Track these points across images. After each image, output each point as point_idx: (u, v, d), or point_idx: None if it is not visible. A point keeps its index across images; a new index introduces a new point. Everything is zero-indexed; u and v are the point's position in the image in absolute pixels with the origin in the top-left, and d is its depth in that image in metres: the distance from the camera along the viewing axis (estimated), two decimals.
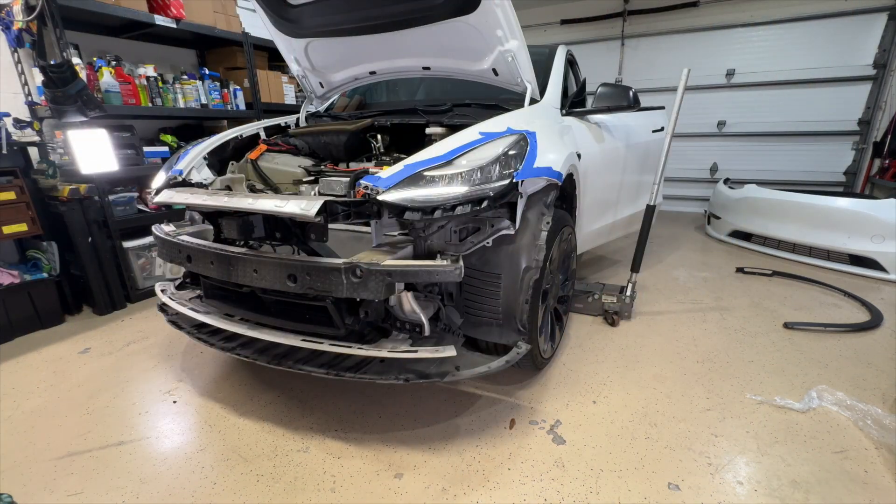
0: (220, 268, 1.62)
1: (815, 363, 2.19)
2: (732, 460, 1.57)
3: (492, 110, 2.13)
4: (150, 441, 1.70)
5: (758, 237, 4.20)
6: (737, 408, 1.85)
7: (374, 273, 1.38)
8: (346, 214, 1.45)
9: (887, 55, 4.77)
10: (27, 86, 2.84)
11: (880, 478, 1.48)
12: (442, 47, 2.09)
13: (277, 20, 2.16)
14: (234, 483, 1.48)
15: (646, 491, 1.44)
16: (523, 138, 1.63)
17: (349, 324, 1.59)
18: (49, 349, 2.44)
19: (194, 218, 2.25)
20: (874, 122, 4.94)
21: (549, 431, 1.72)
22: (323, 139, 2.16)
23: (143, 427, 1.78)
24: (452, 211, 1.43)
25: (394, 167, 1.54)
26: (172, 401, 1.94)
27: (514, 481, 1.48)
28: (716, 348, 2.34)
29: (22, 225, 2.53)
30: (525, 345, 1.68)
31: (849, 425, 1.74)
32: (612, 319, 2.60)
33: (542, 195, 1.75)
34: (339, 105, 2.91)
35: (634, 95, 2.30)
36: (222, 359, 2.27)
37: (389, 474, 1.52)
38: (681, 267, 3.69)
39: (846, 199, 3.60)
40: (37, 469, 1.57)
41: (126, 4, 2.88)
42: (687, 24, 5.58)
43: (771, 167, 5.58)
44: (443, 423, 1.78)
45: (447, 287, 1.69)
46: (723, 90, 5.63)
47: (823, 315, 2.74)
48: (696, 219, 5.60)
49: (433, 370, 1.56)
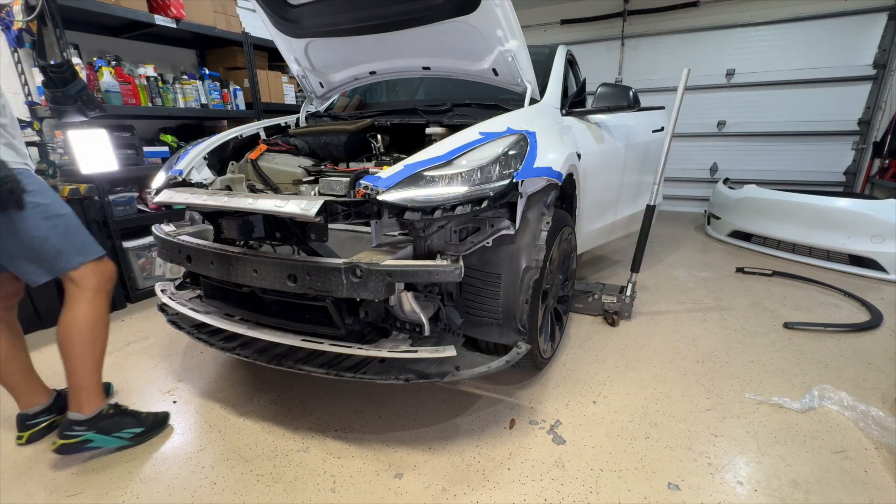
0: (220, 268, 1.62)
1: (815, 363, 2.19)
2: (732, 460, 1.57)
3: (492, 110, 2.13)
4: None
5: (758, 237, 4.20)
6: (737, 408, 1.85)
7: (374, 273, 1.38)
8: (346, 214, 1.45)
9: (887, 55, 4.77)
10: (27, 86, 2.84)
11: (880, 478, 1.48)
12: (442, 47, 2.10)
13: (277, 20, 2.16)
14: (234, 483, 1.48)
15: (646, 491, 1.44)
16: (523, 138, 1.63)
17: (349, 324, 1.59)
18: (49, 349, 2.44)
19: (194, 218, 2.25)
20: (874, 122, 4.94)
21: (549, 431, 1.72)
22: (323, 139, 2.16)
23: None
24: (452, 211, 1.43)
25: (394, 167, 1.54)
26: (172, 401, 1.94)
27: (514, 481, 1.48)
28: (716, 348, 2.34)
29: None
30: (525, 345, 1.68)
31: (849, 425, 1.74)
32: (612, 319, 2.61)
33: (542, 195, 1.75)
34: (339, 105, 2.91)
35: (634, 95, 2.31)
36: (222, 359, 2.27)
37: (389, 474, 1.52)
38: (681, 267, 3.70)
39: (846, 200, 3.60)
40: (37, 469, 1.57)
41: (126, 4, 2.88)
42: (687, 24, 5.58)
43: (771, 167, 5.59)
44: (443, 423, 1.78)
45: (447, 287, 1.69)
46: (723, 90, 5.63)
47: (823, 315, 2.74)
48: (696, 219, 5.60)
49: (433, 370, 1.56)
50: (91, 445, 1.56)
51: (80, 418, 1.55)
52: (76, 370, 1.53)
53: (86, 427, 1.55)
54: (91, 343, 1.54)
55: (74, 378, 1.54)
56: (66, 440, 1.53)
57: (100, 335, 1.56)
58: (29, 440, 1.67)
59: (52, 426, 1.70)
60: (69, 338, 1.51)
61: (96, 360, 1.58)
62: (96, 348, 1.56)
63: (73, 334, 1.51)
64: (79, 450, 1.56)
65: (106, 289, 1.56)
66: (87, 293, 1.50)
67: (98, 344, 1.56)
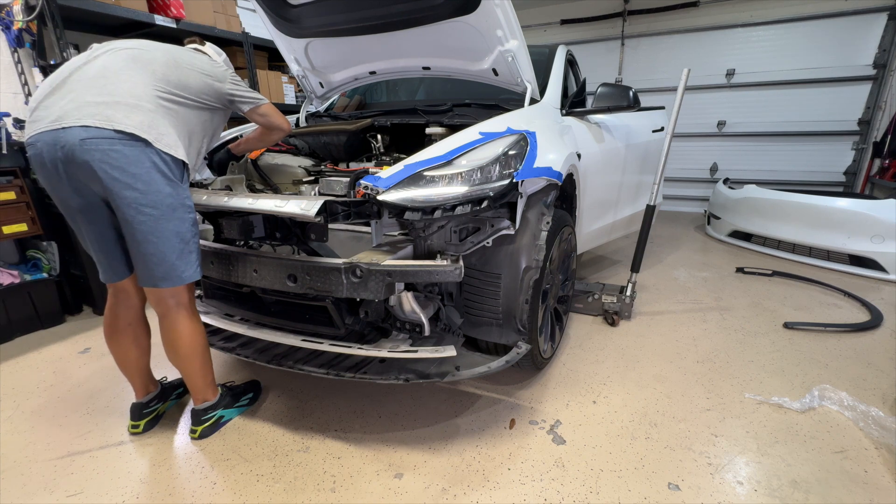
0: (220, 267, 1.63)
1: (814, 363, 2.19)
2: (732, 460, 1.57)
3: (492, 110, 2.13)
4: (150, 441, 1.70)
5: (758, 237, 4.20)
6: (737, 408, 1.85)
7: (374, 273, 1.38)
8: (346, 214, 1.45)
9: (887, 55, 4.78)
10: (27, 86, 2.84)
11: (880, 478, 1.48)
12: (442, 47, 2.10)
13: (277, 20, 2.16)
14: (234, 483, 1.48)
15: (646, 491, 1.44)
16: (523, 138, 1.63)
17: (349, 324, 1.59)
18: (49, 349, 2.44)
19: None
20: (874, 122, 4.94)
21: (549, 431, 1.72)
22: (323, 139, 2.16)
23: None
24: (452, 211, 1.43)
25: (394, 167, 1.54)
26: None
27: (514, 481, 1.48)
28: (716, 348, 2.34)
29: (22, 225, 2.53)
30: (525, 345, 1.68)
31: (849, 425, 1.74)
32: (612, 319, 2.61)
33: (542, 195, 1.75)
34: (339, 105, 2.91)
35: (634, 95, 2.30)
36: (222, 359, 2.26)
37: (389, 474, 1.52)
38: (681, 267, 3.70)
39: (846, 200, 3.60)
40: (37, 469, 1.57)
41: (126, 4, 2.89)
42: (687, 24, 5.59)
43: (771, 167, 5.59)
44: (443, 423, 1.78)
45: (447, 287, 1.69)
46: (723, 90, 5.64)
47: (823, 315, 2.74)
48: (696, 219, 5.60)
49: (433, 370, 1.57)
50: (224, 420, 1.76)
51: (209, 404, 1.71)
52: (194, 374, 1.65)
53: (215, 408, 1.73)
54: (203, 351, 1.64)
55: (193, 380, 1.67)
56: (204, 424, 1.70)
57: (205, 342, 1.65)
58: (145, 428, 1.75)
59: (159, 416, 1.82)
60: (181, 351, 1.60)
61: (210, 362, 1.69)
62: (207, 353, 1.67)
63: (184, 347, 1.59)
64: (217, 427, 1.74)
65: (194, 305, 1.62)
66: (185, 310, 1.56)
67: (207, 350, 1.66)
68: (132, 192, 1.33)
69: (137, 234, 1.38)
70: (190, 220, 1.47)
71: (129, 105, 1.33)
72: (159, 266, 1.44)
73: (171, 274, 1.46)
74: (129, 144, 1.31)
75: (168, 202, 1.39)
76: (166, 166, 1.38)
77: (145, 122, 1.34)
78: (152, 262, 1.43)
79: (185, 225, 1.45)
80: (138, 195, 1.33)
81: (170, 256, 1.43)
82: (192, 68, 1.50)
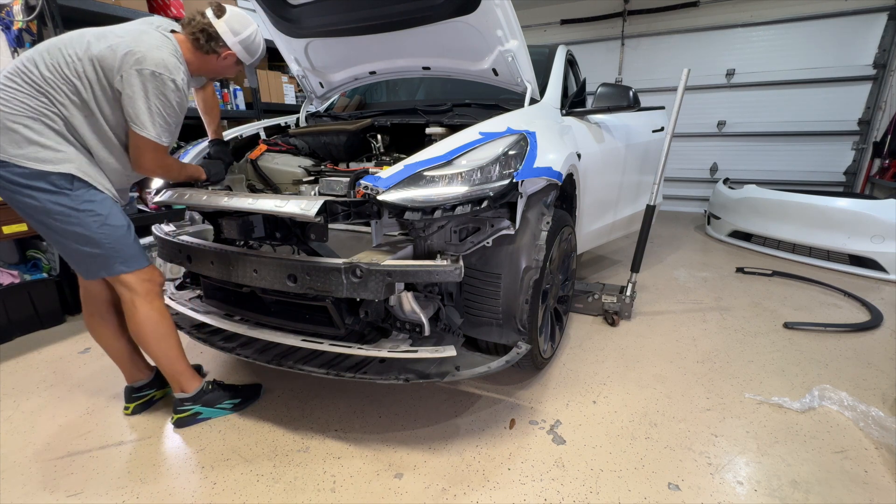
0: (220, 268, 1.63)
1: (815, 363, 2.19)
2: (732, 460, 1.57)
3: (492, 110, 2.13)
4: (150, 441, 1.70)
5: (758, 237, 4.20)
6: (737, 408, 1.85)
7: (374, 273, 1.38)
8: (346, 214, 1.45)
9: (887, 55, 4.78)
10: None
11: (880, 478, 1.48)
12: (442, 47, 2.10)
13: (277, 20, 2.16)
14: (234, 483, 1.48)
15: (646, 491, 1.44)
16: (523, 138, 1.63)
17: (349, 324, 1.59)
18: (49, 349, 2.44)
19: (194, 218, 2.25)
20: (874, 122, 4.94)
21: (549, 431, 1.72)
22: (323, 139, 2.16)
23: (143, 427, 1.78)
24: (452, 211, 1.43)
25: (394, 167, 1.54)
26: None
27: (514, 481, 1.48)
28: (716, 348, 2.34)
29: (22, 225, 2.53)
30: (525, 345, 1.68)
31: (849, 425, 1.74)
32: (612, 319, 2.61)
33: (542, 195, 1.75)
34: (339, 105, 2.91)
35: (634, 95, 2.30)
36: (222, 359, 2.26)
37: (389, 474, 1.52)
38: (681, 267, 3.70)
39: (846, 200, 3.60)
40: (37, 469, 1.57)
41: (126, 4, 2.88)
42: (687, 24, 5.59)
43: (771, 167, 5.59)
44: (443, 423, 1.78)
45: (447, 287, 1.69)
46: (723, 90, 5.64)
47: (823, 315, 2.74)
48: (696, 219, 5.60)
49: (433, 370, 1.56)
50: (201, 417, 1.78)
51: (186, 396, 1.75)
52: (162, 362, 1.71)
53: (192, 402, 1.76)
54: (164, 337, 1.68)
55: (165, 367, 1.72)
56: (179, 415, 1.75)
57: (167, 329, 1.69)
58: (134, 411, 1.84)
59: (153, 401, 1.90)
60: (142, 338, 1.67)
61: (175, 349, 1.72)
62: (170, 340, 1.70)
63: (144, 334, 1.65)
64: (192, 422, 1.77)
65: (155, 292, 1.66)
66: (138, 298, 1.61)
67: (170, 337, 1.70)
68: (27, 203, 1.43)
69: (47, 239, 1.51)
70: (95, 222, 1.48)
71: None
72: (80, 264, 1.55)
73: (105, 266, 1.54)
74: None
75: (58, 210, 1.44)
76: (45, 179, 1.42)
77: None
78: (71, 261, 1.56)
79: (90, 228, 1.48)
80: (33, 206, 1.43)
81: (82, 256, 1.52)
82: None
